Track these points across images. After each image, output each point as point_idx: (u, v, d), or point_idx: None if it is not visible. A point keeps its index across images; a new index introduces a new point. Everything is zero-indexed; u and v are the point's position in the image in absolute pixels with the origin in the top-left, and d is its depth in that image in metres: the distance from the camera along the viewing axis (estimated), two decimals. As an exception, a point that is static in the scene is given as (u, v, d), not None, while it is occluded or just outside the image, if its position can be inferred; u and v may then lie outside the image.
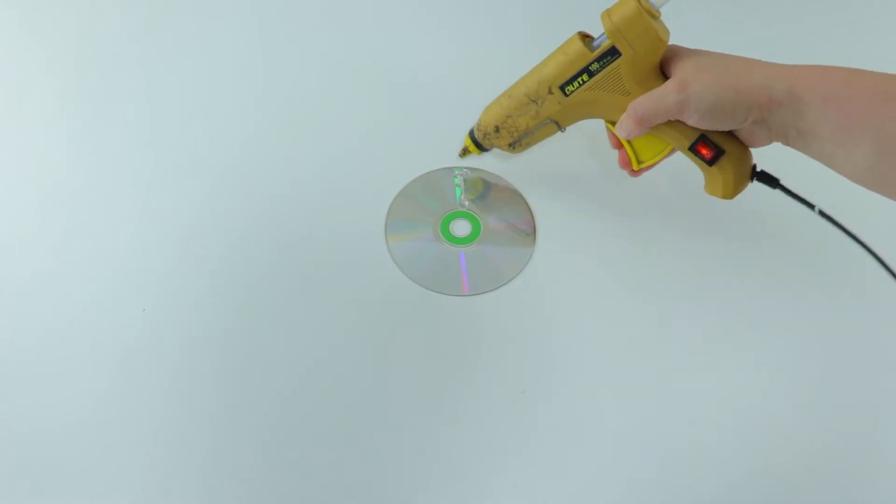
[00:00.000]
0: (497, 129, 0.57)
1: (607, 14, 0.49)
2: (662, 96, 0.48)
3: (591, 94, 0.52)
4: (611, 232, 0.63)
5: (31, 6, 0.76)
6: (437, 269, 0.61)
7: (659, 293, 0.60)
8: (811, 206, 0.50)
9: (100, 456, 0.52)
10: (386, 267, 0.61)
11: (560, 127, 0.55)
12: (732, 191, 0.52)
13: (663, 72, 0.50)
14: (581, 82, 0.51)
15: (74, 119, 0.68)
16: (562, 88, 0.52)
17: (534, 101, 0.54)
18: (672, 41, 0.49)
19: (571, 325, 0.59)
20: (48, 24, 0.75)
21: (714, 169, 0.51)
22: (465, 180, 0.65)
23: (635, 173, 0.55)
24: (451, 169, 0.66)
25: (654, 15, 0.48)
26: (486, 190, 0.65)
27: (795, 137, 0.46)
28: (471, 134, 0.61)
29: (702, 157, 0.51)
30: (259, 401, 0.55)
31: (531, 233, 0.63)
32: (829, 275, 0.61)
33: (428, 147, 0.67)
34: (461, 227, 0.64)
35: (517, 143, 0.58)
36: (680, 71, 0.48)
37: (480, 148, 0.61)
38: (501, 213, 0.64)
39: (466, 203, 0.64)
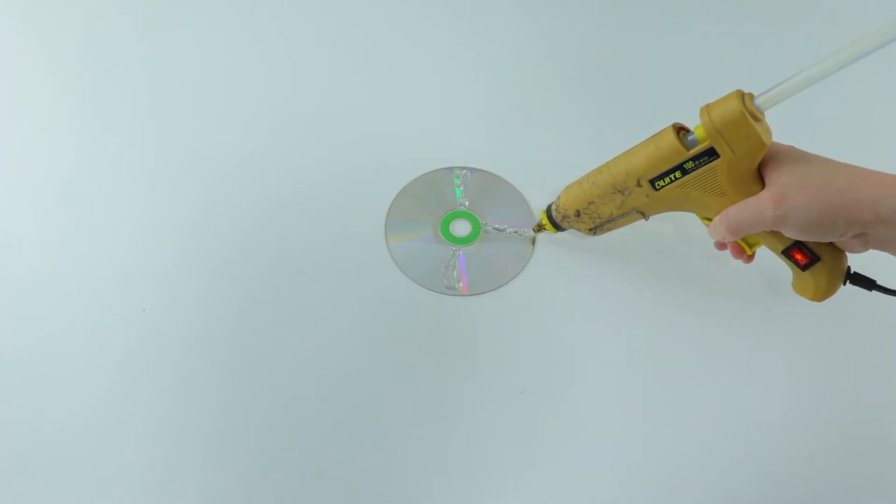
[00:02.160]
0: (578, 214, 0.54)
1: (707, 111, 0.45)
2: (759, 210, 0.45)
3: (683, 191, 0.48)
4: (610, 232, 0.63)
5: (31, 6, 0.76)
6: (437, 269, 0.61)
7: (659, 293, 0.60)
8: None
9: (100, 456, 0.52)
10: (386, 267, 0.61)
11: (645, 216, 0.52)
12: (823, 295, 0.50)
13: (760, 172, 0.46)
14: (673, 178, 0.48)
15: (74, 119, 0.68)
16: (651, 182, 0.49)
17: (620, 191, 0.51)
18: (675, 41, 0.49)
19: (571, 325, 0.59)
20: (48, 24, 0.75)
21: (806, 274, 0.49)
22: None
23: (749, 259, 0.52)
24: (451, 169, 0.66)
25: (757, 118, 0.44)
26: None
27: None
28: (548, 211, 0.57)
29: (795, 263, 0.49)
30: (259, 401, 0.55)
31: (531, 233, 0.63)
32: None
33: (428, 147, 0.67)
34: (461, 227, 0.64)
35: (598, 229, 0.55)
36: (779, 180, 0.44)
37: (557, 227, 0.58)
38: (501, 214, 0.64)
39: (466, 203, 0.64)
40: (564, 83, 0.74)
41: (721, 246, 0.53)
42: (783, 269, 0.51)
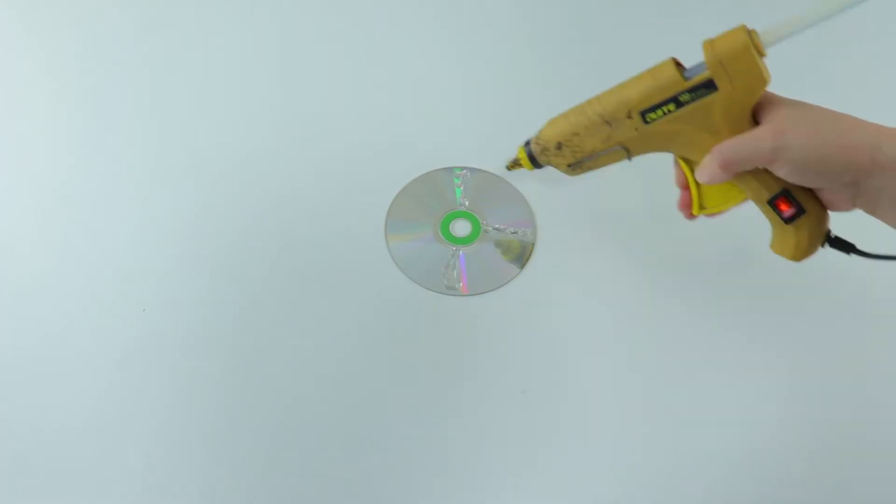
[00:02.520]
0: (559, 146, 0.51)
1: (710, 44, 0.44)
2: (755, 141, 0.43)
3: (674, 126, 0.47)
4: (611, 232, 0.63)
5: (31, 6, 0.76)
6: (437, 269, 0.61)
7: (659, 292, 0.60)
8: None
9: (100, 456, 0.52)
10: (386, 267, 0.61)
11: (629, 155, 0.50)
12: (804, 253, 0.48)
13: (755, 118, 0.45)
14: (666, 111, 0.46)
15: (74, 119, 0.68)
16: (642, 115, 0.47)
17: (608, 122, 0.48)
18: (674, 41, 0.48)
19: (571, 325, 0.59)
20: (48, 24, 0.75)
21: (790, 228, 0.47)
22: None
23: (692, 217, 0.51)
24: (451, 169, 0.66)
25: (761, 53, 0.44)
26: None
27: (887, 207, 0.43)
28: (526, 146, 0.54)
29: (780, 213, 0.47)
30: (259, 401, 0.55)
31: (531, 233, 0.63)
32: (825, 279, 0.61)
33: (428, 147, 0.67)
34: (461, 227, 0.64)
35: (578, 165, 0.52)
36: (776, 118, 0.43)
37: (534, 163, 0.54)
38: (501, 214, 0.64)
39: (466, 203, 0.64)
40: (565, 83, 0.74)
41: (686, 208, 0.51)
42: (783, 271, 0.51)
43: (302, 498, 0.51)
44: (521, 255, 0.62)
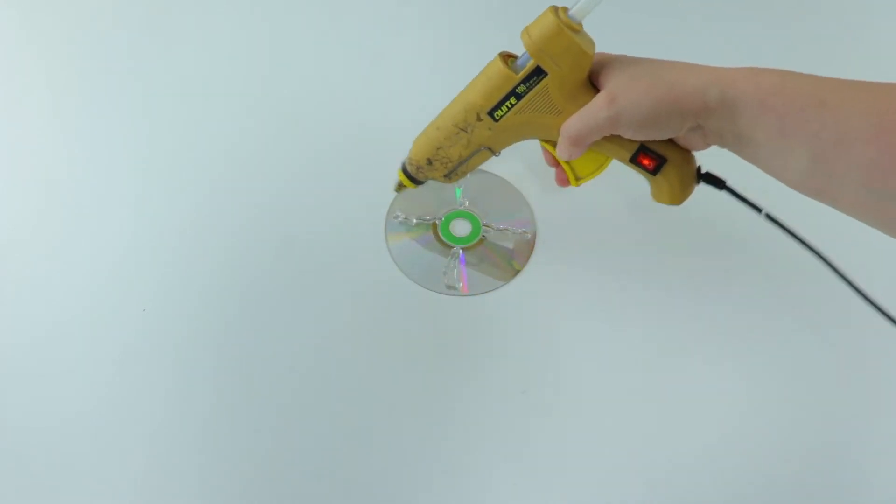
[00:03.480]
0: (430, 162, 0.54)
1: (526, 32, 0.46)
2: (593, 113, 0.45)
3: (522, 116, 0.49)
4: (611, 232, 0.63)
5: (31, 6, 0.76)
6: (437, 269, 0.61)
7: (658, 293, 0.60)
8: (758, 209, 0.48)
9: (99, 455, 0.52)
10: (386, 267, 0.61)
11: (494, 152, 0.53)
12: (680, 196, 0.50)
13: (593, 84, 0.47)
14: (510, 106, 0.49)
15: (73, 118, 0.68)
16: (490, 114, 0.49)
17: (463, 129, 0.51)
18: (674, 41, 0.48)
19: (571, 325, 0.59)
20: (48, 24, 0.75)
21: (659, 178, 0.49)
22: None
23: (576, 184, 0.53)
24: (451, 169, 0.66)
25: (575, 29, 0.45)
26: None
27: (732, 141, 0.44)
28: (403, 168, 0.57)
29: (644, 168, 0.49)
30: (258, 400, 0.55)
31: (531, 233, 0.63)
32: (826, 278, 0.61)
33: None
34: (461, 227, 0.64)
35: (452, 173, 0.55)
36: (609, 83, 0.45)
37: (415, 181, 0.57)
38: (501, 213, 0.64)
39: (466, 203, 0.64)
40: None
41: (564, 183, 0.53)
42: (785, 274, 0.51)
43: (302, 498, 0.51)
44: (520, 255, 0.62)
